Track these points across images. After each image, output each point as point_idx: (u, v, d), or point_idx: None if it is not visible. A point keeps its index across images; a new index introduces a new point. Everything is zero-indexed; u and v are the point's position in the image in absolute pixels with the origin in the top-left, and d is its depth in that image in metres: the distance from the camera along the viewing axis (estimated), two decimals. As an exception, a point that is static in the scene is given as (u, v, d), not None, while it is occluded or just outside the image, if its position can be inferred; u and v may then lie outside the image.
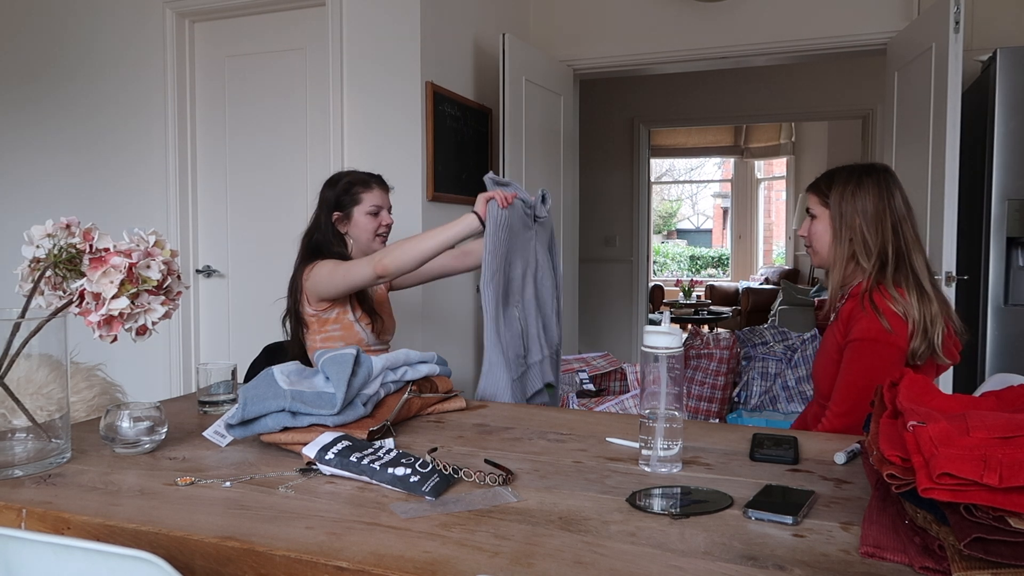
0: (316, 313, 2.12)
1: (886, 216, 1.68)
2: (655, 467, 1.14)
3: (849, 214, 1.70)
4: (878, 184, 1.70)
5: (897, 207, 1.69)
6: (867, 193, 1.70)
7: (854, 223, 1.70)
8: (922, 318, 1.61)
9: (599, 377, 2.83)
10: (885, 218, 1.68)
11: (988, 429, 0.80)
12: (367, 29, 3.19)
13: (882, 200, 1.69)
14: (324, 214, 2.19)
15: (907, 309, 1.61)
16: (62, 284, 1.19)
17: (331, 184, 2.23)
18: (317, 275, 2.07)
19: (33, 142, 3.83)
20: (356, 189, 2.19)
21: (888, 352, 1.61)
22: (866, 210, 1.69)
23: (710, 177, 14.00)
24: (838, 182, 1.74)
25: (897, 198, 1.70)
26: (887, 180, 1.72)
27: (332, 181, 2.25)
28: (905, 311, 1.61)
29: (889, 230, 1.68)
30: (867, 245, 1.69)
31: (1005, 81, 2.97)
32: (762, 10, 3.82)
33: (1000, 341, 3.03)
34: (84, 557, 0.76)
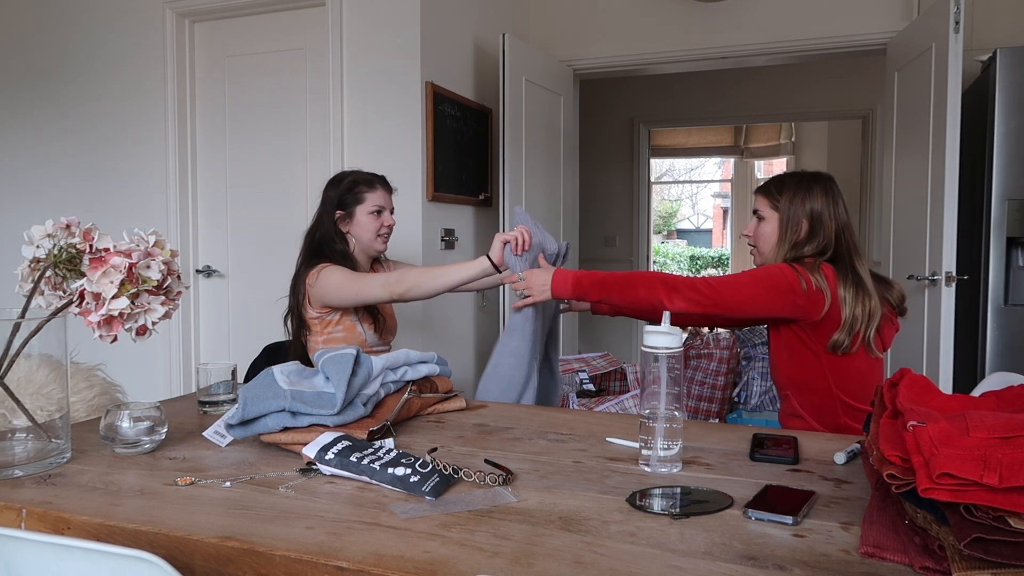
0: (319, 315, 2.12)
1: (831, 220, 1.80)
2: (655, 467, 1.14)
3: (796, 217, 1.82)
4: (825, 191, 1.82)
5: (840, 214, 1.81)
6: (815, 198, 1.81)
7: (800, 225, 1.81)
8: (851, 311, 1.71)
9: (599, 377, 2.83)
10: (830, 222, 1.80)
11: (988, 429, 0.80)
12: (367, 29, 3.19)
13: (828, 206, 1.81)
14: (327, 212, 2.19)
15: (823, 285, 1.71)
16: (62, 284, 1.19)
17: (335, 183, 2.23)
18: (325, 283, 2.06)
19: (32, 142, 3.83)
20: (360, 188, 2.20)
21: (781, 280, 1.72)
22: (812, 213, 1.81)
23: (710, 177, 14.00)
24: (788, 186, 1.86)
25: (840, 205, 1.83)
26: (832, 188, 1.84)
27: (336, 180, 2.25)
28: (821, 287, 1.71)
29: (832, 234, 1.80)
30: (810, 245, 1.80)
31: (1005, 81, 2.97)
32: (762, 10, 3.82)
33: (1000, 341, 3.03)
34: (84, 557, 0.76)
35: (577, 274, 1.83)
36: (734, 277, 1.78)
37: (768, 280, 1.74)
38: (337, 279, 2.05)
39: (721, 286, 1.74)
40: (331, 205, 2.19)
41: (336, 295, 2.06)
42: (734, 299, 1.74)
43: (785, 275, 1.73)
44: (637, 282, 1.77)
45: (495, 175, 3.72)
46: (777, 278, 1.73)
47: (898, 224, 3.45)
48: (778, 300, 1.73)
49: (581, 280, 1.81)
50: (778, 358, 1.88)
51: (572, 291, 1.81)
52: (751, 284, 1.75)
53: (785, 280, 1.72)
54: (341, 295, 2.05)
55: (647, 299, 1.75)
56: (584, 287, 1.80)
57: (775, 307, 1.75)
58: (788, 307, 1.73)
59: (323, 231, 2.17)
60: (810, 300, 1.71)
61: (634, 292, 1.77)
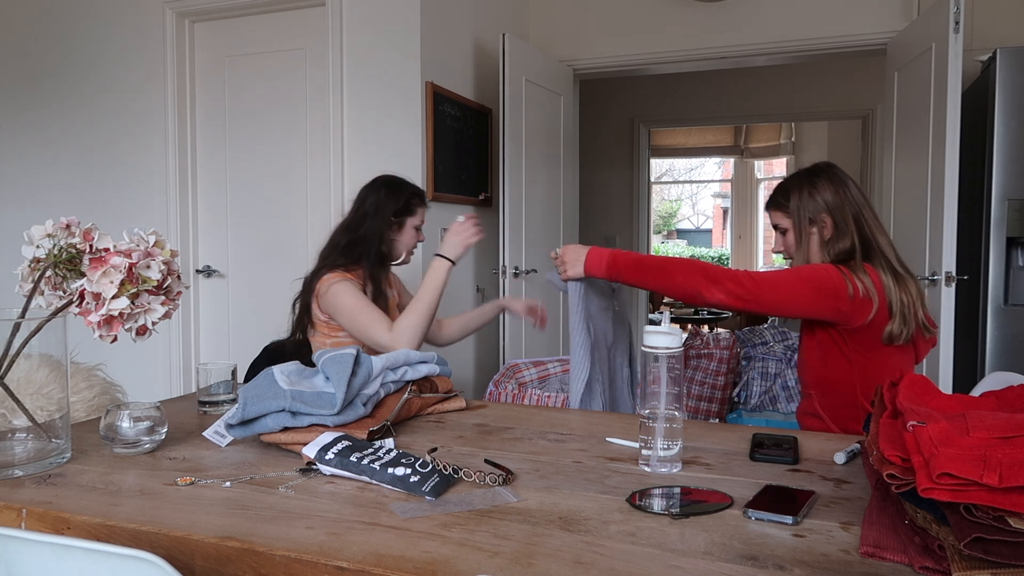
0: (327, 319, 2.13)
1: (846, 206, 1.75)
2: (655, 467, 1.14)
3: (812, 212, 1.78)
4: (830, 179, 1.78)
5: (853, 196, 1.76)
6: (823, 189, 1.77)
7: (822, 221, 1.77)
8: (899, 300, 1.67)
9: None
10: (846, 208, 1.75)
11: (988, 429, 0.80)
12: (367, 29, 3.19)
13: (838, 192, 1.76)
14: (378, 213, 2.17)
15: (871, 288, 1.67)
16: (62, 284, 1.19)
17: (393, 188, 2.22)
18: (337, 303, 2.06)
19: (33, 142, 3.83)
20: (415, 202, 2.24)
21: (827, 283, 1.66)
22: (827, 202, 1.76)
23: (710, 177, 14.00)
24: (792, 189, 1.82)
25: (851, 188, 1.78)
26: (837, 174, 1.80)
27: (394, 184, 2.24)
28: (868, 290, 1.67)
29: (851, 219, 1.74)
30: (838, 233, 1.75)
31: (1005, 81, 2.97)
32: (762, 10, 3.82)
33: (1000, 341, 3.03)
34: (84, 557, 0.76)
35: (613, 253, 1.75)
36: (778, 274, 1.71)
37: (814, 281, 1.68)
38: (349, 303, 2.05)
39: (764, 282, 1.67)
40: (387, 209, 2.18)
41: (344, 319, 2.07)
42: (775, 297, 1.68)
43: (832, 278, 1.67)
44: (675, 269, 1.71)
45: (495, 175, 3.72)
46: (823, 280, 1.68)
47: (898, 224, 3.45)
48: (821, 303, 1.68)
49: (616, 260, 1.74)
50: (808, 356, 1.83)
51: (606, 270, 1.74)
52: (795, 283, 1.69)
53: (831, 283, 1.67)
54: (349, 323, 2.07)
55: (684, 288, 1.69)
56: (619, 267, 1.73)
57: (816, 310, 1.70)
58: (830, 311, 1.68)
59: (368, 230, 2.16)
60: (854, 307, 1.66)
61: (671, 279, 1.71)
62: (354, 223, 2.20)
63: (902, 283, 1.70)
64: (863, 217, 1.75)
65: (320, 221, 3.35)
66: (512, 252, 3.55)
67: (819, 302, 1.67)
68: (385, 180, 2.27)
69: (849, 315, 1.68)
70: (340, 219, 3.23)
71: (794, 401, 2.90)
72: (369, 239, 2.16)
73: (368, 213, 2.19)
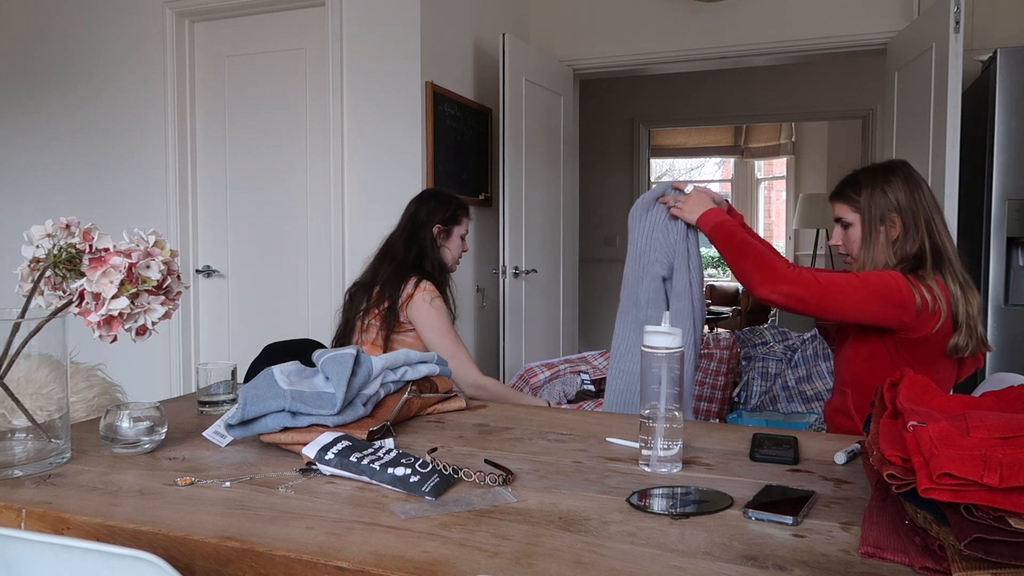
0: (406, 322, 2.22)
1: (919, 208, 1.69)
2: (655, 467, 1.14)
3: (883, 212, 1.70)
4: (906, 179, 1.71)
5: (926, 199, 1.70)
6: (898, 188, 1.70)
7: (892, 221, 1.71)
8: (964, 312, 1.63)
9: (599, 380, 2.83)
10: (918, 211, 1.69)
11: (988, 429, 0.80)
12: (367, 29, 3.19)
13: (912, 193, 1.69)
14: (428, 224, 2.29)
15: (940, 299, 1.62)
16: (62, 284, 1.19)
17: (443, 200, 2.35)
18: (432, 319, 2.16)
19: (33, 142, 3.83)
20: (461, 212, 2.37)
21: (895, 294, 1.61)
22: (899, 204, 1.69)
23: (710, 177, 13.98)
24: (865, 184, 1.74)
25: (925, 190, 1.71)
26: (913, 174, 1.73)
27: (443, 198, 2.37)
28: (937, 300, 1.62)
29: (923, 223, 1.68)
30: (906, 235, 1.69)
31: (1005, 81, 2.97)
32: (762, 10, 3.82)
33: (1000, 341, 3.03)
34: (84, 557, 0.76)
35: (721, 222, 1.74)
36: (845, 279, 1.63)
37: (882, 291, 1.62)
38: (443, 325, 2.18)
39: (829, 286, 1.61)
40: (436, 218, 2.30)
41: (432, 336, 2.17)
42: (841, 304, 1.62)
43: (900, 288, 1.61)
44: (749, 254, 1.68)
45: (495, 175, 3.72)
46: (891, 290, 1.61)
47: (898, 224, 3.45)
48: (886, 313, 1.63)
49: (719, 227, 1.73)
50: (852, 353, 1.78)
51: (709, 231, 1.75)
52: (862, 290, 1.62)
53: (899, 294, 1.61)
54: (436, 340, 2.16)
55: (744, 275, 1.67)
56: (717, 233, 1.74)
57: (881, 318, 1.64)
58: (894, 321, 1.64)
59: (423, 240, 2.28)
60: (919, 320, 1.62)
61: (741, 262, 1.68)
62: (411, 234, 2.30)
63: (968, 294, 1.65)
64: (934, 222, 1.69)
65: (320, 221, 3.36)
66: (512, 252, 3.55)
67: (884, 312, 1.62)
68: (433, 192, 2.44)
69: (912, 326, 1.64)
70: (340, 219, 3.24)
71: (794, 401, 2.91)
72: (427, 248, 2.27)
73: (422, 223, 2.30)
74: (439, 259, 2.30)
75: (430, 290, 2.19)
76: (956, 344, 1.64)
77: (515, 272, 3.58)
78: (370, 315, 2.21)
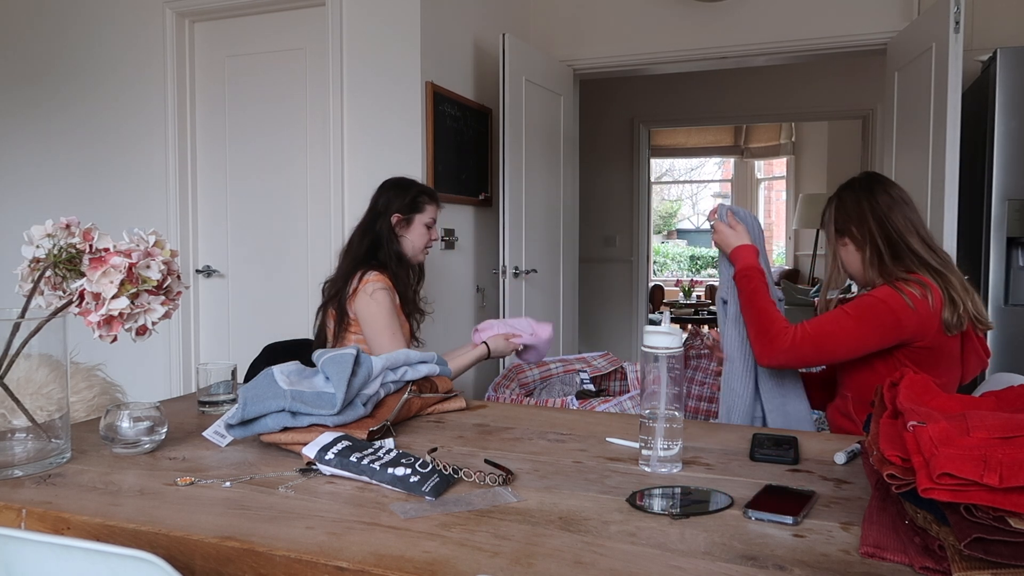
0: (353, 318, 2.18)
1: (867, 215, 1.76)
2: (655, 467, 1.14)
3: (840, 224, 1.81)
4: (856, 189, 1.80)
5: (879, 203, 1.76)
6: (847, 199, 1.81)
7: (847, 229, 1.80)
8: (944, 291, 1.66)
9: (599, 378, 2.83)
10: (866, 217, 1.76)
11: (988, 429, 0.80)
12: (367, 29, 3.19)
13: (860, 203, 1.78)
14: (386, 213, 2.24)
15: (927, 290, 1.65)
16: (62, 284, 1.19)
17: (401, 188, 2.30)
18: (370, 310, 2.11)
19: (32, 142, 3.83)
20: (423, 199, 2.29)
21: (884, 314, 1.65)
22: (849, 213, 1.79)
23: (710, 177, 13.99)
24: (827, 208, 1.86)
25: (879, 195, 1.77)
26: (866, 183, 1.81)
27: (401, 185, 2.31)
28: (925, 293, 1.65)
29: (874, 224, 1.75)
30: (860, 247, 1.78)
31: (1005, 81, 2.96)
32: (762, 10, 3.82)
33: (1000, 341, 3.03)
34: (84, 557, 0.76)
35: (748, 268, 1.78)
36: (834, 322, 1.67)
37: (872, 318, 1.65)
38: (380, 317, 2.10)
39: (822, 339, 1.66)
40: (393, 207, 2.25)
41: (366, 328, 2.12)
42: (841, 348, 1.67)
43: (889, 305, 1.64)
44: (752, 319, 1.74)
45: (495, 175, 3.72)
46: (880, 312, 1.64)
47: (898, 224, 3.45)
48: (886, 336, 1.65)
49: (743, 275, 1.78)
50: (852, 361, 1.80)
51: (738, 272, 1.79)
52: (854, 326, 1.65)
53: (890, 314, 1.64)
54: (369, 333, 2.11)
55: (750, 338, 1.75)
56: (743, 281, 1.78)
57: (884, 343, 1.66)
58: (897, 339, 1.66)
59: (380, 230, 2.23)
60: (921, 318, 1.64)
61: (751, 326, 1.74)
62: (367, 224, 2.26)
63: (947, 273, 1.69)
64: (889, 221, 1.74)
65: (320, 221, 3.36)
66: (512, 252, 3.55)
67: (884, 336, 1.65)
68: (394, 180, 2.34)
69: (919, 330, 1.65)
70: (340, 219, 3.24)
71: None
72: (384, 238, 2.21)
73: (380, 213, 2.25)
74: (396, 250, 2.22)
75: (374, 281, 2.13)
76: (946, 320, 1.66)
77: (515, 272, 3.58)
78: (327, 313, 2.21)
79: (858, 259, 1.79)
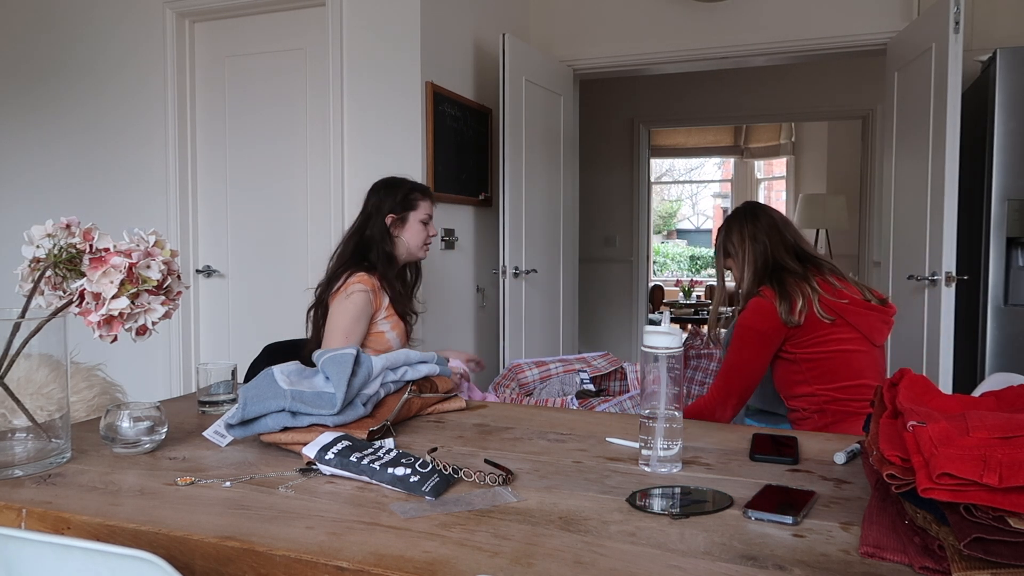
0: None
1: (744, 237, 2.00)
2: (655, 467, 1.14)
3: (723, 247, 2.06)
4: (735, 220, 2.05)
5: (758, 227, 2.00)
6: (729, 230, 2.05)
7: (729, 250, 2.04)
8: (782, 294, 1.87)
9: (599, 378, 2.83)
10: (744, 239, 2.00)
11: (988, 429, 0.80)
12: (367, 29, 3.19)
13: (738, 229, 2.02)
14: (378, 214, 2.23)
15: (771, 294, 1.87)
16: (62, 284, 1.19)
17: (391, 187, 2.28)
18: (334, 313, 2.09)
19: (32, 142, 3.83)
20: (415, 195, 2.27)
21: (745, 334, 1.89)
22: (725, 247, 2.05)
23: (710, 177, 13.99)
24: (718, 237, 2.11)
25: (760, 220, 2.01)
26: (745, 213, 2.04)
27: (391, 184, 2.29)
28: (769, 295, 1.87)
29: (748, 245, 1.99)
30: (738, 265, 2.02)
31: (1005, 81, 2.97)
32: (762, 10, 3.82)
33: (1000, 341, 3.03)
34: (84, 557, 0.76)
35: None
36: (730, 356, 1.89)
37: (752, 335, 1.86)
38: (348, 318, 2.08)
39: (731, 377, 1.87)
40: (385, 208, 2.23)
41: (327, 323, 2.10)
42: (748, 376, 1.87)
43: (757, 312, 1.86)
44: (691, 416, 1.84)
45: (495, 175, 3.72)
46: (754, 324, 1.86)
47: (898, 224, 3.45)
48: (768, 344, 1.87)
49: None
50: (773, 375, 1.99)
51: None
52: (742, 351, 1.87)
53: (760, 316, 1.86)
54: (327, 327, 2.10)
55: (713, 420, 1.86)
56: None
57: (773, 350, 1.88)
58: (780, 342, 1.87)
59: (372, 231, 2.21)
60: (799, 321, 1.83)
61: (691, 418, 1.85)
62: (359, 226, 2.24)
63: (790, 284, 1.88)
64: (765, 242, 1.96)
65: (320, 221, 3.36)
66: (512, 252, 3.55)
67: (766, 345, 1.87)
68: (384, 180, 2.32)
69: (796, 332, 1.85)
70: (340, 218, 3.24)
71: None
72: (376, 239, 2.20)
73: (371, 214, 2.24)
74: (387, 251, 2.19)
75: (356, 283, 2.10)
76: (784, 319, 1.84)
77: (515, 272, 3.58)
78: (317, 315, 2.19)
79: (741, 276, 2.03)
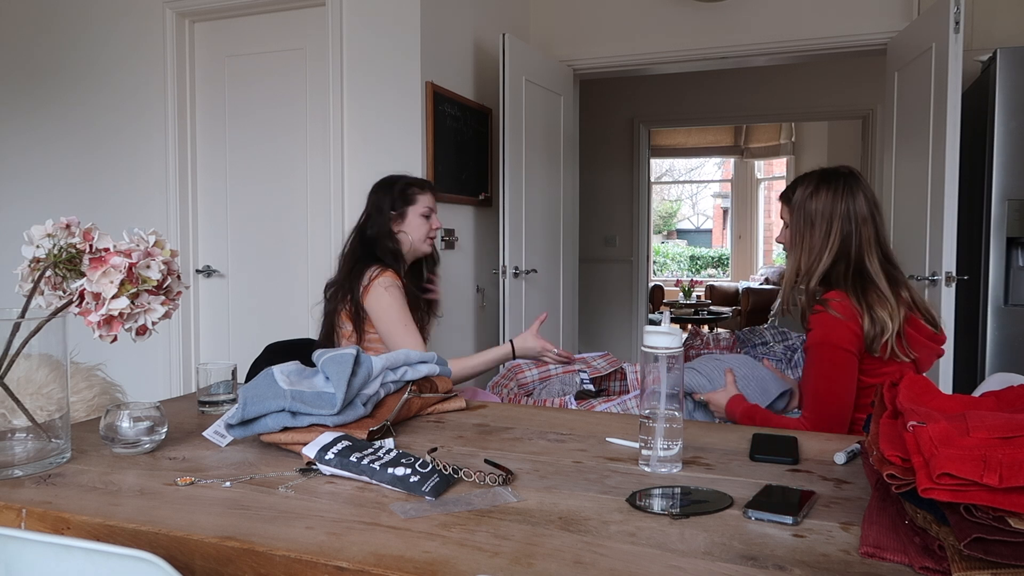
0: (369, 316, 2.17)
1: (835, 221, 1.69)
2: (655, 467, 1.14)
3: (808, 216, 1.72)
4: (835, 189, 1.70)
5: (855, 210, 1.69)
6: (821, 198, 1.70)
7: (811, 229, 1.71)
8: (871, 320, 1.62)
9: (599, 379, 2.83)
10: (834, 222, 1.69)
11: (988, 429, 0.80)
12: (367, 29, 3.19)
13: (836, 205, 1.69)
14: (378, 212, 2.24)
15: (853, 312, 1.63)
16: (62, 284, 1.19)
17: (387, 185, 2.29)
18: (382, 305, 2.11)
19: (32, 141, 3.83)
20: (412, 190, 2.27)
21: (834, 355, 1.64)
22: (820, 214, 1.70)
23: (710, 177, 14.00)
24: (799, 188, 1.75)
25: (858, 200, 1.69)
26: (847, 183, 1.71)
27: (388, 182, 2.30)
28: (850, 315, 1.63)
29: (837, 234, 1.68)
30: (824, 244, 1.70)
31: (1005, 81, 2.97)
32: (762, 10, 3.82)
33: (1000, 341, 3.03)
34: (84, 557, 0.76)
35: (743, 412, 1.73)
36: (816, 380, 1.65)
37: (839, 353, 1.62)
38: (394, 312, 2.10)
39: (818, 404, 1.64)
40: (385, 205, 2.24)
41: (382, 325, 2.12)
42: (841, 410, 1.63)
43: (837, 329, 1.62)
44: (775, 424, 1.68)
45: (495, 175, 3.72)
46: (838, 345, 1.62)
47: (898, 224, 3.45)
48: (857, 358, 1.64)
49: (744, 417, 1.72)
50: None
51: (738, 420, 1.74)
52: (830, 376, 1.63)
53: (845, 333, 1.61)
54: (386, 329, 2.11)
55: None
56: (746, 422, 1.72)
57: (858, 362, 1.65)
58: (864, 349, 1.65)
59: (376, 229, 2.22)
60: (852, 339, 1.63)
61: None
62: (362, 224, 2.26)
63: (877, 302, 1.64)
64: (859, 235, 1.68)
65: (320, 221, 3.36)
66: (512, 252, 3.55)
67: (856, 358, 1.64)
68: (381, 180, 2.34)
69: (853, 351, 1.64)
70: (340, 218, 3.25)
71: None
72: (380, 236, 2.21)
73: (371, 214, 2.25)
74: (393, 249, 2.21)
75: (386, 276, 2.12)
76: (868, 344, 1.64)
77: (515, 272, 3.58)
78: (340, 316, 2.20)
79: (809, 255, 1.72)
